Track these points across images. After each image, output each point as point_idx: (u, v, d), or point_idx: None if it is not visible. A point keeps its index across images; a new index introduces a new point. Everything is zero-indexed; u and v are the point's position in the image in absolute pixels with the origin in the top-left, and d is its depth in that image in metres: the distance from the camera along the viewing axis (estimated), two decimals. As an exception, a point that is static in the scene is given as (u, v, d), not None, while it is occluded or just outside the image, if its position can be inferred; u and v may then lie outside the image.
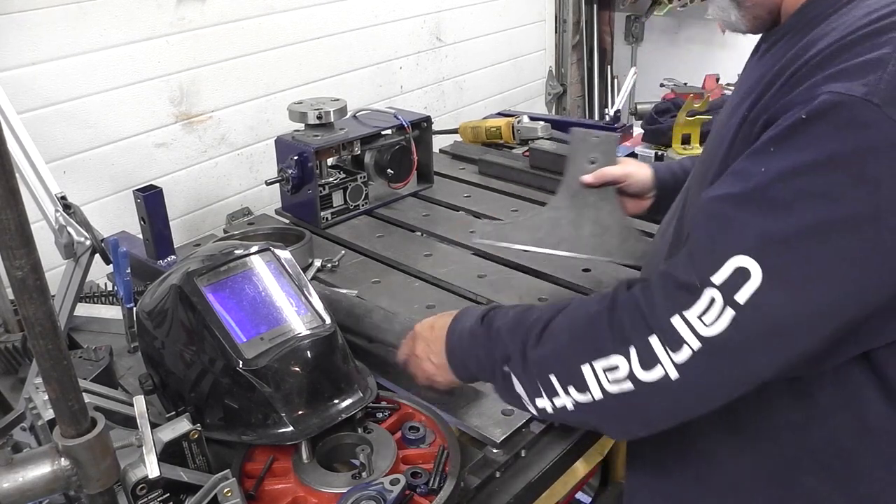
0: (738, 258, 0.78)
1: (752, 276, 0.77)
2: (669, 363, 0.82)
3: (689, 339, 0.80)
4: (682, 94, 2.47)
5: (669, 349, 0.81)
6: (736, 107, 0.96)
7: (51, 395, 0.75)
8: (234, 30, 2.23)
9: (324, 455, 1.09)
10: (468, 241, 1.81)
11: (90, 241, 1.31)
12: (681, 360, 0.81)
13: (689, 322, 0.80)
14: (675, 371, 0.81)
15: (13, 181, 0.65)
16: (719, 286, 0.79)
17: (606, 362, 0.86)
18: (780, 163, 0.78)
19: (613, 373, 0.85)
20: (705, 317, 0.80)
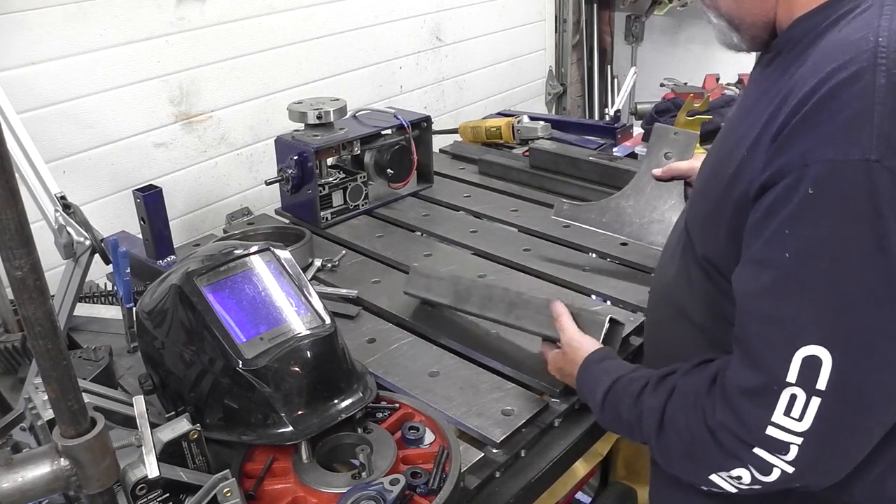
0: (802, 350, 0.80)
1: (824, 361, 0.79)
2: (783, 463, 0.84)
3: (791, 439, 0.83)
4: (682, 94, 2.47)
5: (778, 454, 0.84)
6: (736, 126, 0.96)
7: (50, 395, 0.75)
8: (234, 30, 2.23)
9: (324, 455, 1.09)
10: (468, 241, 1.81)
11: (90, 241, 1.31)
12: (792, 458, 0.84)
13: (781, 426, 0.83)
14: (791, 466, 0.84)
15: (13, 181, 0.65)
16: (796, 382, 0.81)
17: (728, 473, 0.90)
18: (800, 243, 0.80)
19: (739, 480, 0.89)
20: (793, 413, 0.82)
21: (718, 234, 0.95)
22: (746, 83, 1.08)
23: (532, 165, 2.17)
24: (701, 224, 1.01)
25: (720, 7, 0.99)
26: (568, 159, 2.08)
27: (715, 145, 1.07)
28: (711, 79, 2.85)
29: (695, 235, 1.03)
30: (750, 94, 1.00)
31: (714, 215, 0.96)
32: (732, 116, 1.04)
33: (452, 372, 1.33)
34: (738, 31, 0.99)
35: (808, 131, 0.80)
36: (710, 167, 1.04)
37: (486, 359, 1.36)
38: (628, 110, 2.71)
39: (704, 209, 1.00)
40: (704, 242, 1.00)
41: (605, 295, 1.55)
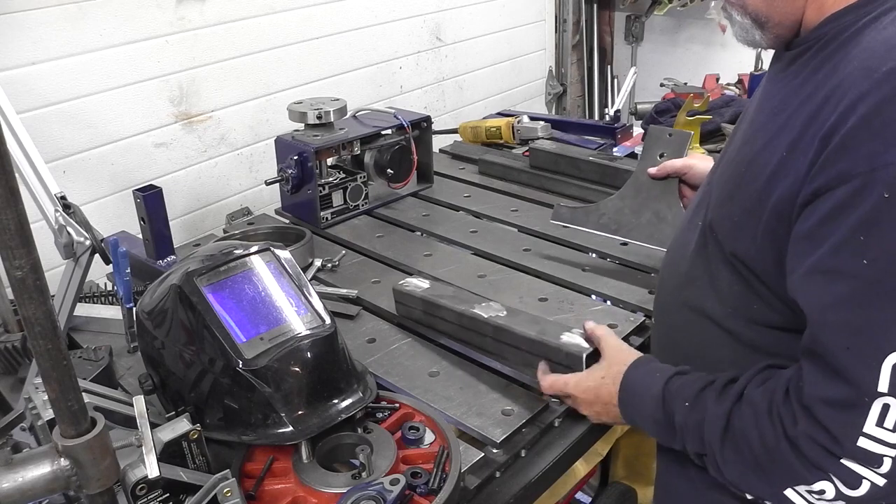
0: (892, 357, 0.78)
1: None
2: (875, 476, 0.82)
3: (885, 451, 0.80)
4: (682, 94, 2.47)
5: (870, 467, 0.82)
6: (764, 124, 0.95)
7: (51, 395, 0.75)
8: (234, 30, 2.23)
9: (324, 455, 1.09)
10: (468, 241, 1.81)
11: (90, 241, 1.31)
12: (885, 470, 0.81)
13: (874, 437, 0.80)
14: (883, 479, 0.82)
15: (13, 181, 0.65)
16: (889, 392, 0.79)
17: (809, 487, 0.86)
18: (878, 248, 0.78)
19: (821, 495, 0.86)
20: (886, 424, 0.80)
21: (755, 233, 0.93)
22: (764, 81, 1.06)
23: (532, 165, 2.17)
24: (732, 225, 0.98)
25: (747, 5, 0.96)
26: (568, 159, 2.08)
27: (736, 144, 1.05)
28: (711, 79, 2.85)
29: (723, 236, 1.01)
30: (774, 93, 0.98)
31: (749, 217, 0.94)
32: (755, 115, 1.02)
33: (452, 372, 1.33)
34: (763, 29, 0.97)
35: (871, 135, 0.78)
36: (734, 167, 1.01)
37: (485, 359, 1.36)
38: (628, 110, 2.71)
39: (736, 210, 0.97)
40: (735, 241, 0.98)
41: (605, 295, 1.55)
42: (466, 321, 1.36)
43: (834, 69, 0.87)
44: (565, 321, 1.42)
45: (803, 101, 0.89)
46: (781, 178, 0.88)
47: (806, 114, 0.87)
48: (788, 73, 0.97)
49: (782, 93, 0.95)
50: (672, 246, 1.20)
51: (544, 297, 1.52)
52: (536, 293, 1.54)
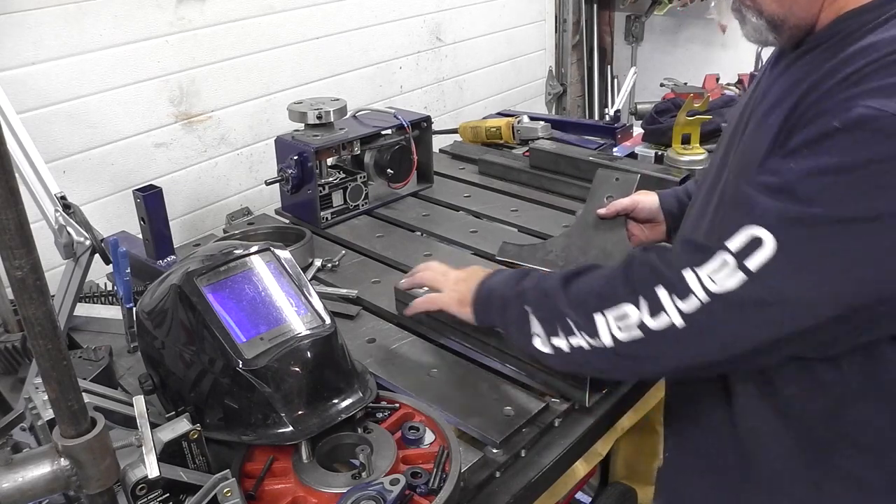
0: (754, 228, 0.85)
1: (765, 247, 0.84)
2: (675, 312, 0.88)
3: (698, 292, 0.87)
4: (682, 94, 2.47)
5: (677, 297, 0.88)
6: (768, 112, 0.97)
7: (50, 395, 0.75)
8: (234, 30, 2.23)
9: (324, 455, 1.09)
10: (468, 241, 1.81)
11: (90, 241, 1.31)
12: (687, 310, 0.88)
13: (699, 277, 0.87)
14: (681, 319, 0.88)
15: (13, 181, 0.65)
16: (734, 252, 0.85)
17: (617, 311, 0.93)
18: (809, 163, 0.84)
19: (624, 320, 0.92)
20: (716, 276, 0.86)
21: None
22: (769, 75, 1.07)
23: (532, 165, 2.17)
24: None
25: (763, 9, 0.98)
26: (568, 159, 2.08)
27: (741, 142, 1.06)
28: (711, 79, 2.84)
29: None
30: (780, 84, 1.00)
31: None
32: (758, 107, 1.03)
33: (452, 372, 1.33)
34: (778, 31, 0.99)
35: (859, 84, 0.84)
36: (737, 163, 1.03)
37: (485, 359, 1.36)
38: (628, 110, 2.70)
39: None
40: None
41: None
42: (469, 328, 1.36)
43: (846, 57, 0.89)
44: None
45: (806, 91, 0.91)
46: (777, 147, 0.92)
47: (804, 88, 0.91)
48: (796, 66, 0.98)
49: (788, 82, 0.97)
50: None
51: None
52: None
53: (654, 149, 2.34)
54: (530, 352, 1.05)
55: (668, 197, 1.49)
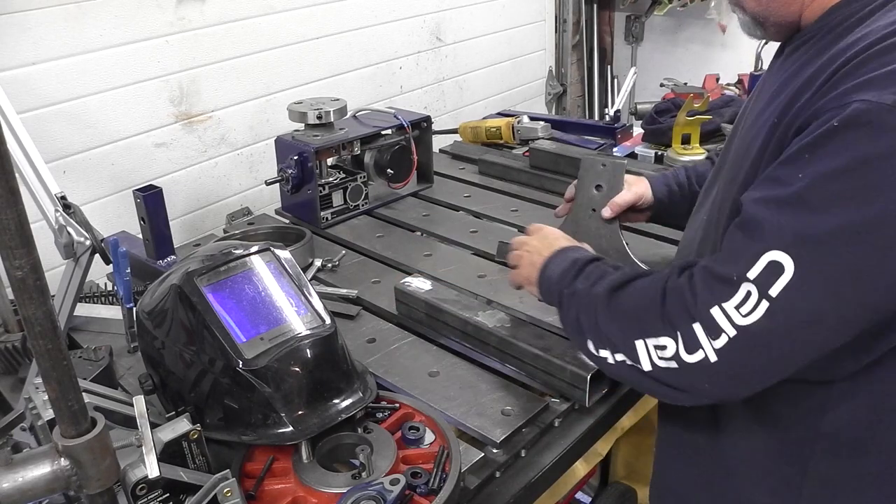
0: (772, 253, 0.83)
1: (785, 271, 0.83)
2: (710, 348, 0.88)
3: (727, 328, 0.87)
4: (681, 94, 2.47)
5: (710, 336, 0.88)
6: (762, 110, 0.98)
7: (51, 395, 0.75)
8: (234, 30, 2.23)
9: (324, 455, 1.09)
10: (468, 241, 1.81)
11: (90, 241, 1.31)
12: (719, 346, 0.87)
13: (727, 313, 0.87)
14: (714, 355, 0.88)
15: (13, 181, 0.65)
16: (754, 280, 0.85)
17: (657, 341, 0.93)
18: (814, 168, 0.83)
19: (662, 351, 0.93)
20: (742, 308, 0.86)
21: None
22: (766, 74, 1.09)
23: (532, 165, 2.17)
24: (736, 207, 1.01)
25: (745, 7, 1.01)
26: (568, 159, 2.08)
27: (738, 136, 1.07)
28: (711, 79, 2.85)
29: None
30: (776, 79, 1.01)
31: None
32: (755, 103, 1.05)
33: (452, 372, 1.33)
34: (763, 27, 1.02)
35: (853, 78, 0.84)
36: (736, 156, 1.04)
37: (486, 359, 1.36)
38: (628, 110, 2.70)
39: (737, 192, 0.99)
40: None
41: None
42: (471, 329, 1.36)
43: (836, 51, 0.90)
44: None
45: (798, 80, 0.92)
46: (770, 153, 0.92)
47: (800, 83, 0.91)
48: (789, 61, 1.00)
49: (783, 78, 0.98)
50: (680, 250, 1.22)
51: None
52: (536, 293, 1.54)
53: (654, 149, 2.34)
54: (586, 353, 1.06)
55: (659, 185, 1.51)
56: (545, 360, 1.27)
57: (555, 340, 1.31)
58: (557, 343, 1.30)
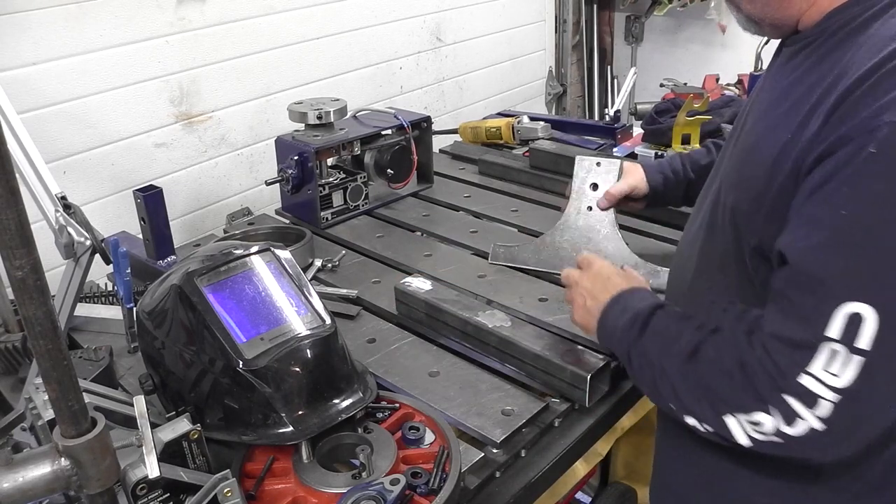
0: (846, 306, 0.79)
1: (867, 320, 0.79)
2: (812, 417, 0.83)
3: (824, 394, 0.81)
4: (681, 94, 2.47)
5: (807, 405, 0.83)
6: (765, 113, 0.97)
7: (51, 395, 0.75)
8: (234, 30, 2.23)
9: (324, 455, 1.09)
10: (468, 241, 1.81)
11: (90, 241, 1.31)
12: (823, 414, 0.82)
13: (817, 377, 0.81)
14: (820, 423, 0.82)
15: (13, 181, 0.65)
16: (837, 339, 0.80)
17: (749, 417, 0.87)
18: (857, 201, 0.80)
19: (759, 426, 0.87)
20: (832, 369, 0.81)
21: (762, 218, 0.94)
22: (767, 73, 1.08)
23: (532, 165, 2.17)
24: (740, 214, 0.99)
25: (740, 7, 1.01)
26: (568, 159, 2.07)
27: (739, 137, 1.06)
28: (711, 79, 2.85)
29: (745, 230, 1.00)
30: (775, 85, 1.00)
31: (756, 203, 0.94)
32: (756, 105, 1.04)
33: (452, 372, 1.33)
34: (759, 26, 1.02)
35: (873, 99, 0.81)
36: (737, 157, 1.03)
37: (486, 359, 1.36)
38: (628, 110, 2.70)
39: (742, 199, 0.98)
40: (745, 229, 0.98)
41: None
42: (471, 329, 1.37)
43: (841, 58, 0.89)
44: (565, 321, 1.42)
45: (810, 88, 0.90)
46: (786, 159, 0.89)
47: (812, 99, 0.89)
48: (789, 65, 0.99)
49: (784, 83, 0.97)
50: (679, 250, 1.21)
51: (544, 297, 1.52)
52: (536, 293, 1.54)
53: (654, 149, 2.34)
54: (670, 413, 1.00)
55: (654, 173, 1.52)
56: (545, 360, 1.27)
57: (555, 340, 1.31)
58: (557, 343, 1.30)
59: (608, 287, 1.14)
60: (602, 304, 1.12)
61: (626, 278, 1.17)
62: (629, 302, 1.10)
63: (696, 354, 0.94)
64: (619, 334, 1.07)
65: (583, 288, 1.18)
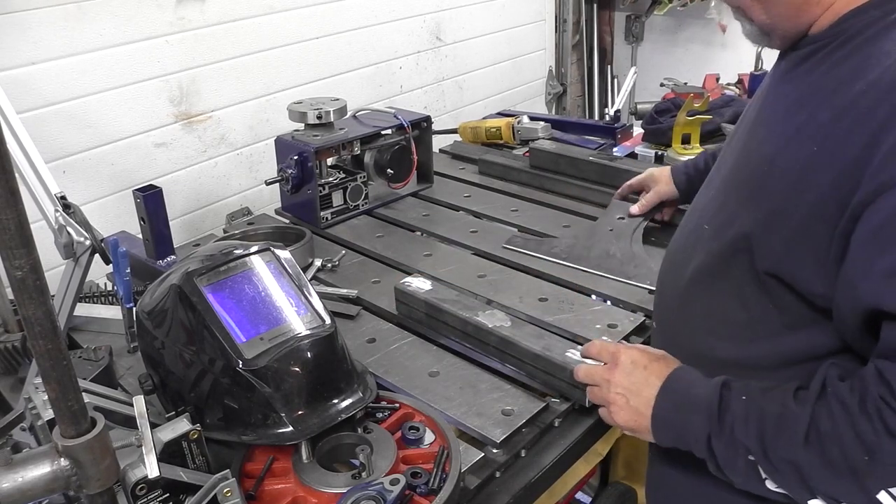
0: None
1: None
2: None
3: None
4: (682, 94, 2.47)
5: None
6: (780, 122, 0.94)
7: (51, 395, 0.75)
8: (234, 30, 2.23)
9: (324, 455, 1.09)
10: (468, 241, 1.81)
11: (90, 241, 1.31)
12: None
13: None
14: None
15: (13, 181, 0.65)
16: None
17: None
18: None
19: None
20: None
21: (784, 233, 0.91)
22: (770, 80, 1.05)
23: (532, 165, 2.17)
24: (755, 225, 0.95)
25: (753, 18, 0.98)
26: (568, 159, 2.08)
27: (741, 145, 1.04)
28: (711, 79, 2.85)
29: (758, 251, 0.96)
30: (787, 91, 0.97)
31: (777, 217, 0.92)
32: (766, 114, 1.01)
33: (452, 372, 1.33)
34: (770, 36, 1.00)
35: None
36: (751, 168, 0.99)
37: (485, 359, 1.36)
38: (628, 110, 2.70)
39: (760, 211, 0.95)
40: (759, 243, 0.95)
41: (605, 295, 1.54)
42: (471, 329, 1.37)
43: (862, 65, 0.87)
44: (565, 321, 1.42)
45: (827, 96, 0.88)
46: (815, 174, 0.87)
47: (834, 109, 0.86)
48: (800, 70, 0.96)
49: (797, 90, 0.95)
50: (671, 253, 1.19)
51: (544, 297, 1.52)
52: (536, 293, 1.54)
53: (654, 149, 2.34)
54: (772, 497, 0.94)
55: (679, 174, 1.64)
56: (545, 360, 1.27)
57: (555, 340, 1.31)
58: (557, 343, 1.30)
59: (649, 379, 1.04)
60: (650, 399, 1.02)
61: (661, 361, 1.06)
62: (684, 390, 1.00)
63: (816, 435, 0.86)
64: (692, 430, 0.97)
65: (618, 386, 1.07)
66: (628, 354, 1.08)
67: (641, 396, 1.03)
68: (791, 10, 0.94)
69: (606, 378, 1.09)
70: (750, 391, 0.94)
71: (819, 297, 0.91)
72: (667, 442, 1.02)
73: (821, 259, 0.88)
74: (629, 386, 1.05)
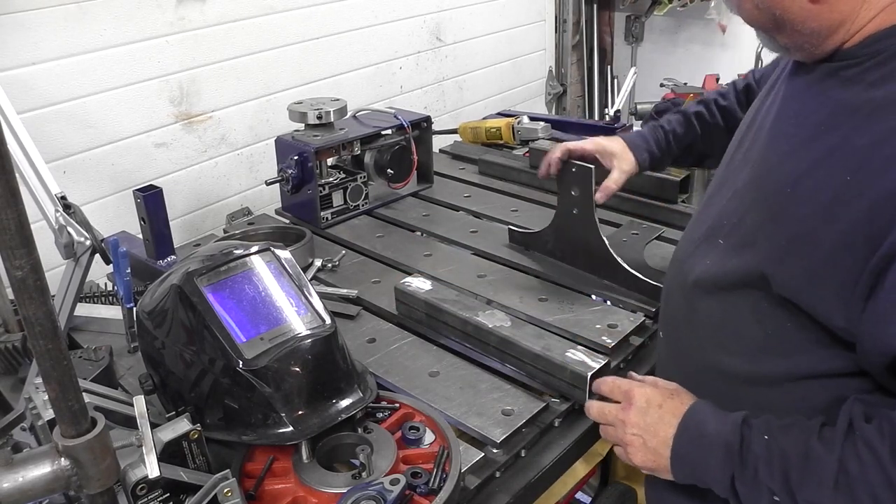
0: None
1: None
2: None
3: None
4: (682, 94, 2.46)
5: None
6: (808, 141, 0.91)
7: (51, 395, 0.75)
8: (234, 30, 2.23)
9: (324, 455, 1.09)
10: (468, 241, 1.81)
11: (90, 241, 1.31)
12: None
13: None
14: None
15: (13, 181, 0.65)
16: None
17: None
18: None
19: None
20: None
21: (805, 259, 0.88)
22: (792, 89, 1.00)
23: (532, 165, 2.17)
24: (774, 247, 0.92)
25: (777, 41, 0.95)
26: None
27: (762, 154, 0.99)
28: (711, 79, 2.84)
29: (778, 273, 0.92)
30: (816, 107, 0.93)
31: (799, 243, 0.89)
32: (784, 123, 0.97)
33: (452, 372, 1.33)
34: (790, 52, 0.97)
35: None
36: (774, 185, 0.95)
37: (485, 359, 1.36)
38: (628, 110, 2.70)
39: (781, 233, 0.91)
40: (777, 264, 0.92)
41: (605, 295, 1.55)
42: (471, 329, 1.37)
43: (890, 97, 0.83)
44: (565, 321, 1.42)
45: (864, 120, 0.84)
46: (846, 204, 0.83)
47: (873, 135, 0.83)
48: (829, 84, 0.92)
49: (827, 107, 0.91)
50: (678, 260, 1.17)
51: (544, 297, 1.52)
52: (536, 293, 1.54)
53: (654, 149, 2.33)
54: None
55: (641, 153, 1.55)
56: (545, 360, 1.27)
57: (555, 340, 1.31)
58: (557, 343, 1.30)
59: (665, 418, 1.01)
60: (667, 439, 1.00)
61: (675, 397, 1.04)
62: (702, 428, 0.98)
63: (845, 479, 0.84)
64: (714, 470, 0.95)
65: (634, 427, 1.04)
66: (642, 393, 1.06)
67: (658, 437, 1.01)
68: (815, 39, 0.91)
69: (621, 419, 1.07)
70: (771, 429, 0.92)
71: (840, 329, 0.87)
72: (687, 481, 1.00)
73: (845, 294, 0.84)
74: (645, 427, 1.03)
